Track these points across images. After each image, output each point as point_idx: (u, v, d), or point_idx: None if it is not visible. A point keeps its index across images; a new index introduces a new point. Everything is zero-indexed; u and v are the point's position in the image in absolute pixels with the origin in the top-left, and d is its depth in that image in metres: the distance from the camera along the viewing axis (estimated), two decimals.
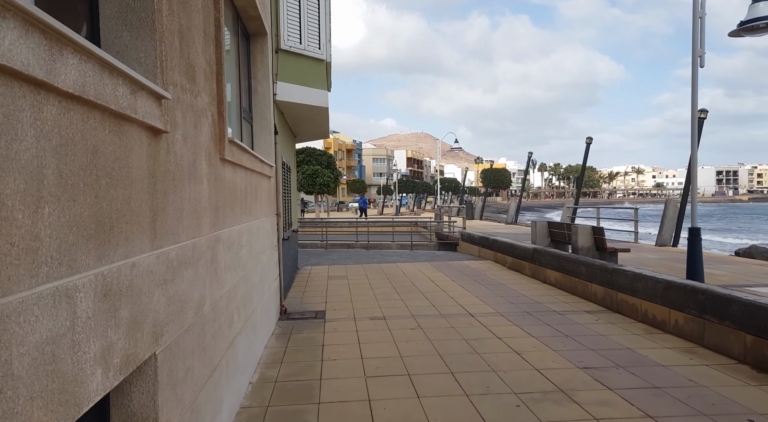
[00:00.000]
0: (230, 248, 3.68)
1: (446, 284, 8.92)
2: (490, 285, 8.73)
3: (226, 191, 3.56)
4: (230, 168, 3.68)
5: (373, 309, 7.01)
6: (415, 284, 9.00)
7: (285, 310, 6.87)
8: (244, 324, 4.19)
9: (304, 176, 28.26)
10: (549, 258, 8.59)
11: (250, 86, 6.04)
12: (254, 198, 4.84)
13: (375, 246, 17.17)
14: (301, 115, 8.41)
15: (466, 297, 7.70)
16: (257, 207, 5.05)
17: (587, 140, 17.06)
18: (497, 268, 10.77)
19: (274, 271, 6.37)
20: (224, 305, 3.42)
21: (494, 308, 6.94)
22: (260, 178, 5.26)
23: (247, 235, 4.41)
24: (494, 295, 7.85)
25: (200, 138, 2.87)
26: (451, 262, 11.95)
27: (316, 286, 9.01)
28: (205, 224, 2.95)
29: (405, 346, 5.24)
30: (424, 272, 10.43)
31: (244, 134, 5.70)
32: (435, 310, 6.89)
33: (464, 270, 10.54)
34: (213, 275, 3.12)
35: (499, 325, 6.02)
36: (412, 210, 51.72)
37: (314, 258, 13.55)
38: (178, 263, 2.40)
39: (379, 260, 12.95)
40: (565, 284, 8.05)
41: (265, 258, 5.61)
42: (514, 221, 23.07)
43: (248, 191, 4.50)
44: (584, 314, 6.52)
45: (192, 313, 2.62)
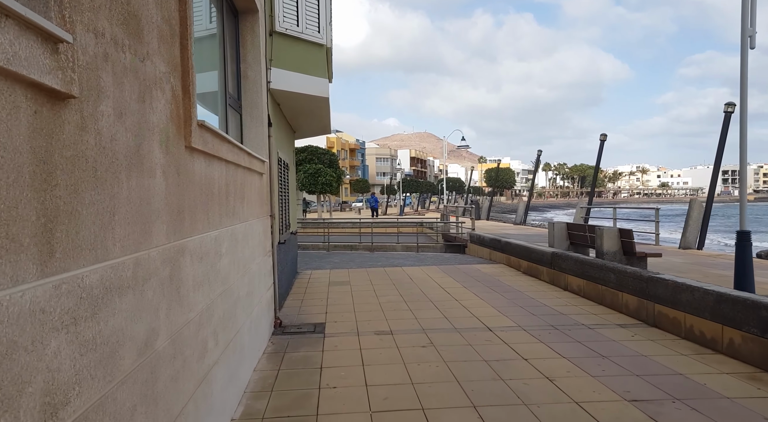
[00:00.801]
0: (203, 260, 2.96)
1: (458, 291, 8.18)
2: (506, 293, 7.98)
3: (196, 188, 2.83)
4: (202, 160, 2.95)
5: (378, 322, 6.28)
6: (423, 291, 8.26)
7: (280, 323, 6.15)
8: (225, 349, 3.47)
9: (306, 175, 27.55)
10: (571, 263, 7.84)
11: (239, 71, 5.31)
12: (239, 198, 4.12)
13: (379, 248, 16.44)
14: (299, 106, 7.69)
15: (481, 307, 6.96)
16: (244, 208, 4.32)
17: (601, 137, 16.30)
18: (511, 273, 10.02)
19: (267, 280, 5.64)
20: (192, 333, 2.69)
21: (514, 320, 6.19)
22: (248, 174, 4.53)
23: (229, 242, 3.68)
24: (512, 305, 7.10)
25: (150, 117, 2.14)
26: (461, 266, 11.20)
27: (316, 293, 8.28)
28: (159, 231, 2.22)
29: (417, 370, 4.50)
30: (433, 277, 9.69)
31: (232, 125, 4.98)
32: (448, 323, 6.15)
33: (476, 275, 9.79)
34: (173, 298, 2.39)
35: (522, 342, 5.28)
36: (416, 210, 50.98)
37: (315, 261, 12.83)
38: (103, 290, 1.67)
39: (383, 263, 12.22)
40: (590, 293, 7.29)
41: (256, 267, 4.88)
42: (523, 221, 22.31)
43: (231, 190, 3.77)
44: (617, 329, 5.76)
45: (132, 356, 1.90)
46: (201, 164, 2.93)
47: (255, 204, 4.93)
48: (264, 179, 5.58)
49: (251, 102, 5.41)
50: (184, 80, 2.59)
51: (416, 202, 58.53)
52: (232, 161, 3.72)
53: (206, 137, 2.92)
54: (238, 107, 5.26)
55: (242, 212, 4.23)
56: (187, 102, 2.60)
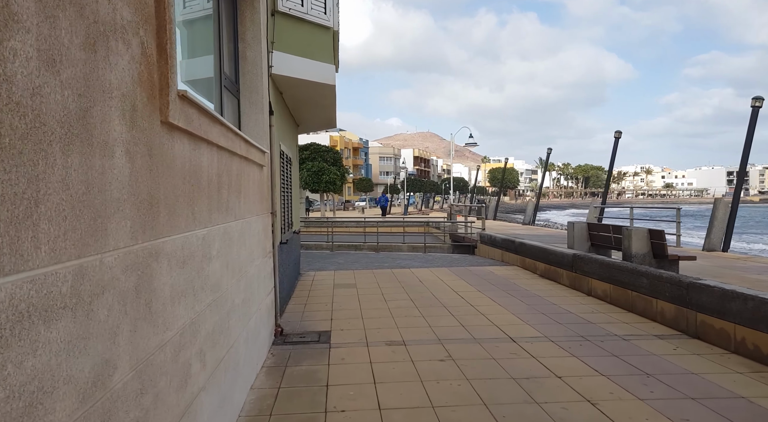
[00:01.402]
0: (186, 264, 2.41)
1: (472, 295, 7.62)
2: (525, 298, 7.41)
3: (177, 176, 2.28)
4: (186, 142, 2.41)
5: (389, 330, 5.72)
6: (435, 295, 7.70)
7: (281, 331, 5.60)
8: (215, 370, 2.92)
9: (309, 174, 27.01)
10: (595, 267, 7.26)
11: (237, 50, 4.76)
12: (235, 191, 3.57)
13: (385, 248, 15.88)
14: (303, 95, 7.13)
15: (499, 314, 6.40)
16: (240, 203, 3.78)
17: (616, 134, 15.70)
18: (527, 276, 9.45)
19: (267, 284, 5.10)
20: (169, 357, 2.15)
21: (539, 330, 5.63)
22: (246, 165, 3.98)
23: (221, 242, 3.13)
24: (533, 311, 6.54)
25: (106, 75, 1.59)
26: (472, 268, 10.64)
27: (320, 296, 7.73)
28: (120, 229, 1.67)
29: (436, 389, 3.94)
30: (444, 279, 9.13)
31: (228, 110, 4.43)
32: (465, 332, 5.59)
33: (489, 278, 9.23)
34: (141, 315, 1.84)
35: (552, 356, 4.72)
36: (420, 210, 50.45)
37: (318, 262, 12.29)
38: (15, 316, 1.12)
39: (390, 264, 11.66)
40: (617, 299, 6.72)
41: (254, 270, 4.34)
42: (531, 221, 21.72)
43: (224, 181, 3.22)
44: (655, 341, 5.19)
45: (70, 404, 1.35)
46: (184, 146, 2.38)
47: (254, 199, 4.38)
48: (264, 171, 5.03)
49: (250, 86, 4.86)
50: (160, 37, 2.04)
51: (420, 201, 57.96)
52: (225, 148, 3.17)
53: (190, 113, 2.37)
54: (236, 91, 4.71)
55: (238, 207, 3.68)
56: (164, 65, 2.05)
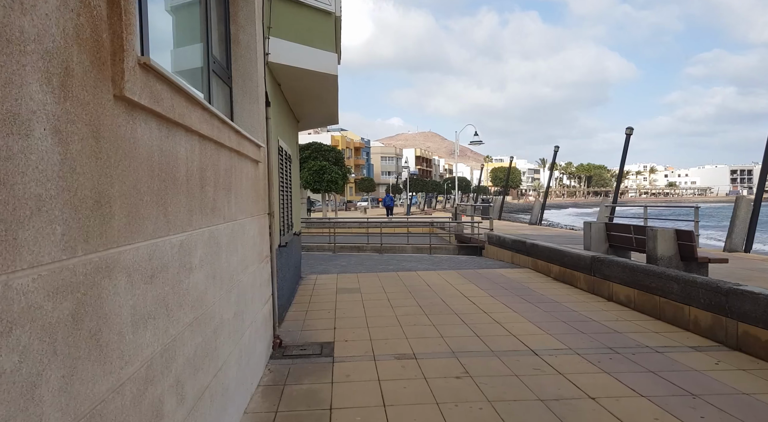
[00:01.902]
0: (155, 279, 1.93)
1: (484, 301, 7.13)
2: (541, 303, 6.92)
3: (141, 168, 1.81)
4: (154, 126, 1.93)
5: (397, 340, 5.24)
6: (445, 300, 7.22)
7: (280, 342, 5.12)
8: (197, 402, 2.44)
9: (310, 173, 26.54)
10: (617, 270, 6.77)
11: (229, 33, 4.29)
12: (224, 189, 3.09)
13: (389, 249, 15.40)
14: (303, 87, 6.66)
15: (516, 322, 5.91)
16: (231, 203, 3.30)
17: (627, 131, 15.19)
18: (540, 279, 8.95)
19: (264, 292, 4.62)
20: (129, 401, 1.66)
21: (562, 341, 5.14)
22: (237, 159, 3.51)
23: (205, 248, 2.66)
24: (552, 319, 6.05)
25: (13, 19, 1.11)
26: (482, 270, 10.15)
27: (322, 302, 7.26)
28: (41, 237, 1.20)
29: (455, 414, 3.46)
30: (453, 283, 8.64)
31: (218, 98, 3.96)
32: (481, 343, 5.10)
33: (501, 282, 8.74)
34: (81, 353, 1.36)
35: (580, 372, 4.23)
36: (422, 209, 49.99)
37: (320, 264, 11.81)
38: None
39: (395, 266, 11.18)
40: (643, 305, 6.22)
41: (248, 278, 3.86)
42: (538, 221, 21.22)
43: (209, 176, 2.75)
44: (692, 354, 4.70)
45: None
46: (151, 131, 1.90)
47: (247, 199, 3.91)
48: (260, 168, 4.56)
49: (244, 73, 4.38)
50: None
51: (422, 201, 57.48)
52: (210, 138, 2.70)
53: (158, 89, 1.89)
54: (227, 77, 4.23)
55: (228, 208, 3.20)
56: (117, 22, 1.57)
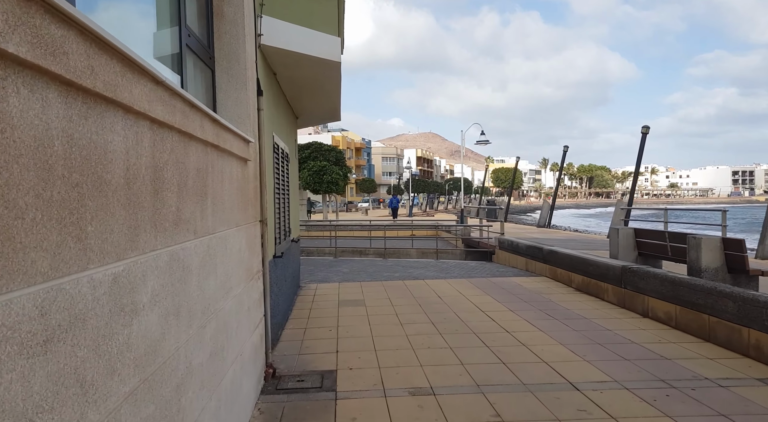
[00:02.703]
0: (52, 345, 1.19)
1: (504, 316, 6.39)
2: (568, 320, 6.18)
3: (21, 163, 1.07)
4: (49, 96, 1.19)
5: (410, 369, 4.50)
6: (459, 315, 6.48)
7: (273, 372, 4.38)
8: None
9: (311, 173, 25.80)
10: (655, 283, 6.02)
11: (210, 3, 3.55)
12: (195, 194, 2.36)
13: (393, 254, 14.65)
14: (302, 77, 5.92)
15: (545, 344, 5.17)
16: (207, 212, 2.56)
17: (643, 130, 14.45)
18: (561, 290, 8.21)
19: (253, 316, 3.88)
20: None
21: (603, 370, 4.39)
22: (215, 156, 2.77)
23: (161, 277, 1.92)
24: (585, 340, 5.31)
25: None
26: (495, 279, 9.40)
27: (323, 318, 6.52)
28: None
29: None
30: (465, 294, 7.90)
31: (196, 81, 3.22)
32: (509, 373, 4.36)
33: (518, 293, 7.99)
34: None
35: (638, 416, 3.48)
36: (424, 211, 49.26)
37: (321, 271, 11.07)
38: None
39: (401, 274, 10.44)
40: (687, 324, 5.48)
41: (232, 303, 3.12)
42: (547, 224, 20.46)
43: (169, 178, 2.01)
44: (763, 389, 3.96)
45: None
46: (44, 105, 1.16)
47: (232, 205, 3.17)
48: (250, 167, 3.82)
49: (229, 53, 3.64)
50: None
51: (424, 202, 56.73)
52: (169, 124, 1.96)
53: (58, 36, 1.16)
54: (208, 57, 3.49)
55: (202, 218, 2.47)
56: None
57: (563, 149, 20.25)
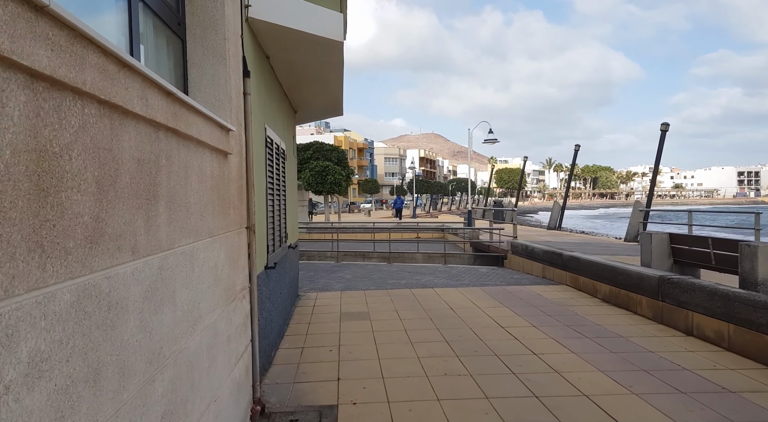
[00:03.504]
0: None
1: (528, 334, 5.65)
2: (601, 339, 5.43)
3: None
4: None
5: (426, 405, 3.77)
6: (476, 332, 5.74)
7: (262, 409, 3.65)
8: None
9: (312, 174, 25.09)
10: (701, 297, 5.28)
11: None
12: (134, 196, 1.63)
13: (398, 258, 13.92)
14: (299, 62, 5.20)
15: (582, 371, 4.43)
16: (158, 220, 1.84)
17: (662, 127, 13.70)
18: (586, 301, 7.46)
19: (236, 345, 3.15)
20: None
21: (663, 410, 3.64)
22: (175, 144, 2.04)
23: (65, 327, 1.19)
24: (628, 366, 4.57)
25: None
26: (511, 288, 8.66)
27: (322, 334, 5.80)
28: None
29: None
30: (480, 305, 7.16)
31: (158, 52, 2.50)
32: (547, 413, 3.62)
33: (538, 304, 7.25)
34: None
35: None
36: (427, 212, 48.54)
37: (322, 277, 10.34)
38: None
39: (408, 281, 9.70)
40: (744, 346, 4.74)
41: (202, 338, 2.40)
42: (557, 226, 19.70)
43: (78, 170, 1.28)
44: None
45: None
46: None
47: (203, 209, 2.45)
48: (232, 163, 3.10)
49: (204, 19, 2.92)
50: None
51: (428, 203, 56.03)
52: (74, 86, 1.24)
53: None
54: (176, 23, 2.77)
55: (148, 229, 1.74)
56: None
57: (575, 147, 19.49)
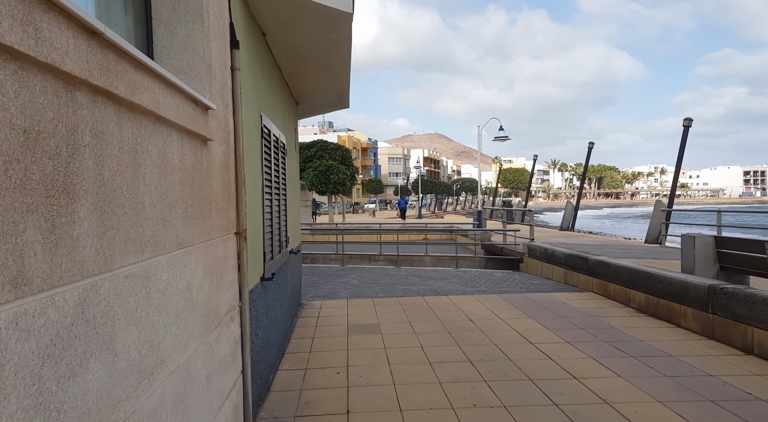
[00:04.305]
0: None
1: (563, 352, 4.96)
2: (650, 359, 4.73)
3: None
4: None
5: None
6: (503, 349, 5.06)
7: None
8: None
9: (316, 173, 24.43)
10: (764, 310, 4.58)
11: None
12: (45, 194, 0.95)
13: (406, 261, 13.24)
14: (301, 41, 4.53)
15: (638, 402, 3.74)
16: (72, 230, 1.15)
17: (685, 123, 12.97)
18: (620, 311, 6.75)
19: (220, 385, 2.48)
20: None
21: None
22: (117, 116, 1.37)
23: None
24: (691, 395, 3.87)
25: None
26: (533, 295, 7.96)
27: (328, 351, 5.12)
28: None
29: None
30: (503, 316, 6.47)
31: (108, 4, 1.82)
32: None
33: (567, 315, 6.55)
34: None
35: None
36: (433, 212, 47.86)
37: (327, 282, 9.68)
38: None
39: (419, 287, 9.02)
40: None
41: (167, 389, 1.73)
42: (570, 226, 18.97)
43: None
44: None
45: None
46: None
47: (168, 211, 1.78)
48: (214, 152, 2.43)
49: None
50: None
51: (433, 203, 55.30)
52: None
53: None
54: None
55: (52, 248, 1.06)
56: None
57: (588, 145, 18.74)
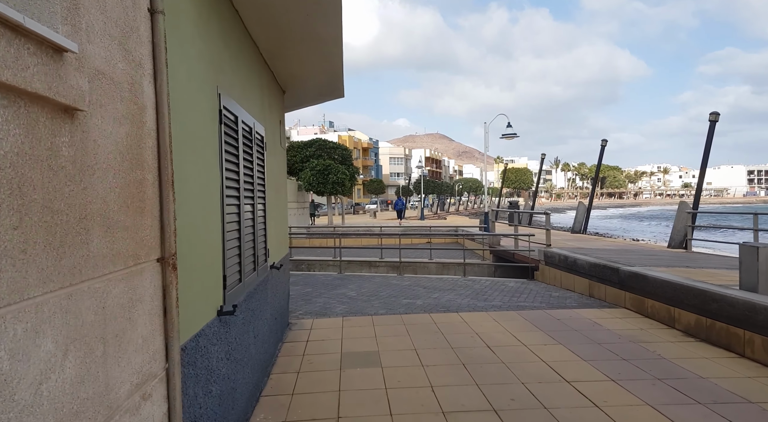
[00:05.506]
0: None
1: (609, 395, 3.94)
2: (723, 406, 3.72)
3: None
4: None
5: None
6: (532, 391, 4.05)
7: None
8: None
9: (314, 173, 23.42)
10: None
11: None
12: None
13: (408, 267, 12.24)
14: (280, 4, 3.52)
15: None
16: None
17: (711, 117, 11.96)
18: (664, 335, 5.72)
19: None
20: None
21: None
22: None
23: None
24: None
25: None
26: (556, 312, 6.94)
27: (315, 395, 4.11)
28: None
29: None
30: (525, 341, 5.46)
31: None
32: None
33: (602, 339, 5.54)
34: None
35: None
36: (435, 213, 46.85)
37: (321, 294, 8.67)
38: None
39: (424, 300, 8.01)
40: None
41: None
42: (582, 229, 17.94)
43: None
44: None
45: None
46: None
47: None
48: (98, 132, 1.43)
49: None
50: None
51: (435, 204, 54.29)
52: None
53: None
54: None
55: None
56: None
57: (601, 143, 17.70)
